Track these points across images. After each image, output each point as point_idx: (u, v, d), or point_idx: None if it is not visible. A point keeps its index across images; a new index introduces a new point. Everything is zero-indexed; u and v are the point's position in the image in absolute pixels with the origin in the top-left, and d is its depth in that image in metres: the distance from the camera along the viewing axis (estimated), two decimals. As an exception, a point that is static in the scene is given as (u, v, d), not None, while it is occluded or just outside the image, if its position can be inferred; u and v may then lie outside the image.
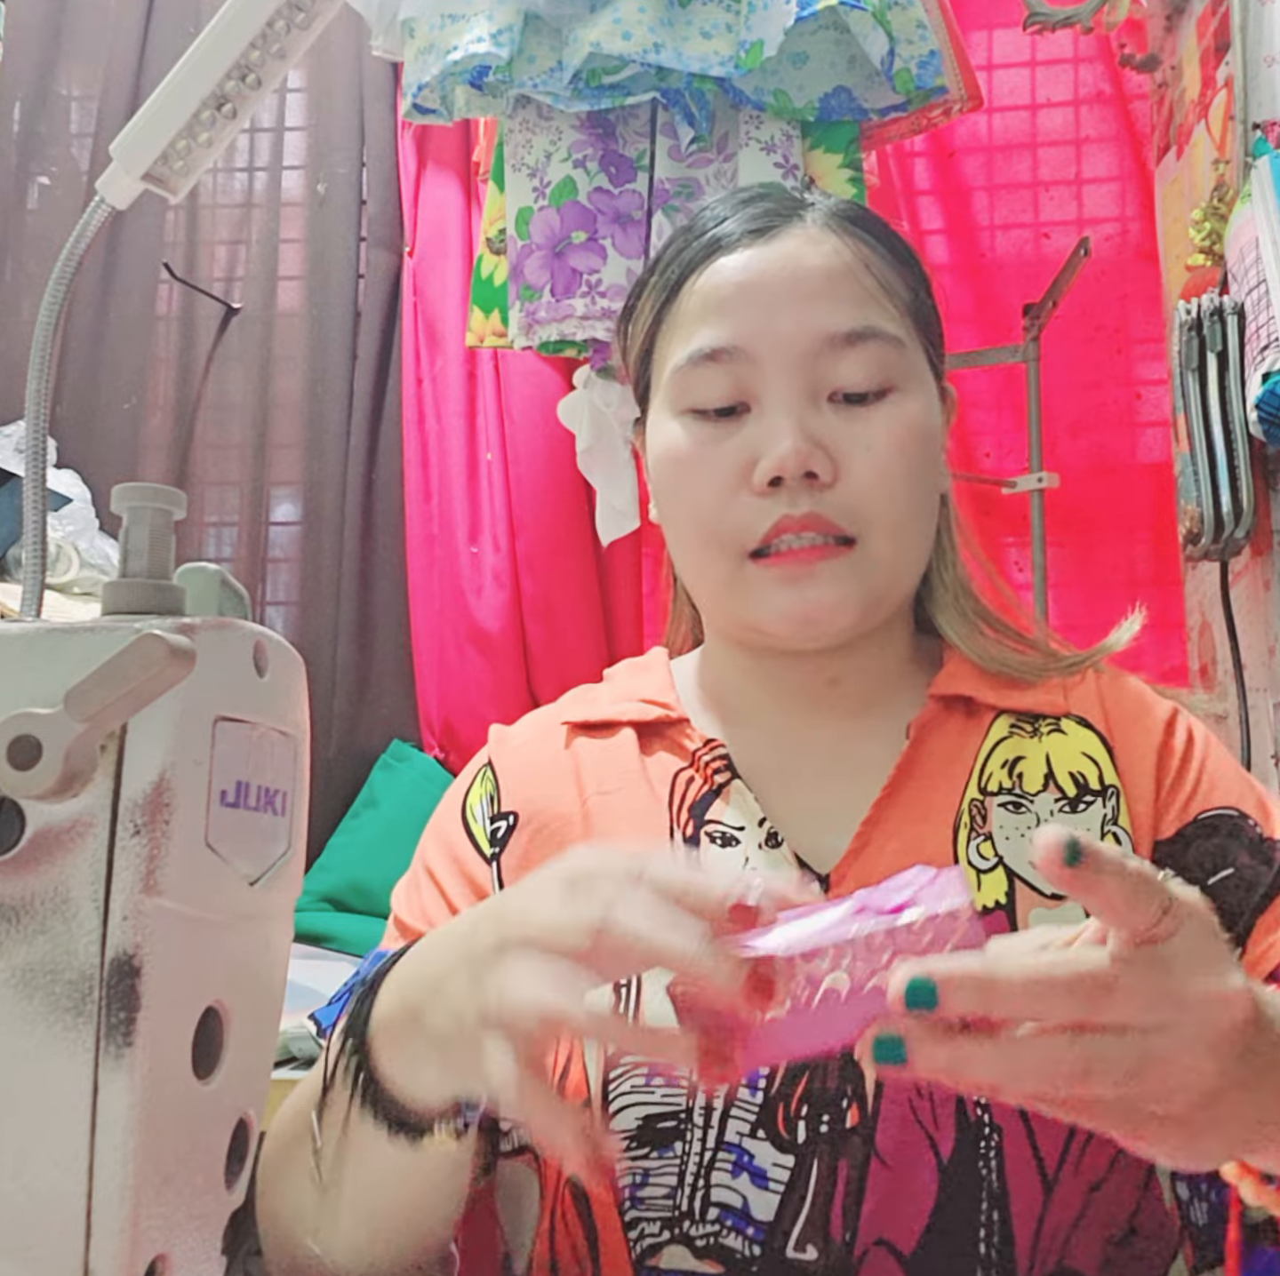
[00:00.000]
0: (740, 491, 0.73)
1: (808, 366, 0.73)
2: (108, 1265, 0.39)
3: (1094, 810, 0.73)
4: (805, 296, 0.74)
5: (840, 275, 0.75)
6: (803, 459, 0.71)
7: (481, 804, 0.81)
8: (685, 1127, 0.67)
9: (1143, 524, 1.91)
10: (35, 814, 0.40)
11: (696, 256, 0.78)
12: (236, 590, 0.48)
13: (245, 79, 0.53)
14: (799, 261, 0.75)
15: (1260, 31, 1.45)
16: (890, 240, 0.79)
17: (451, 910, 0.77)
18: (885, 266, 0.77)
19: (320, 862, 1.86)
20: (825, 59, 1.56)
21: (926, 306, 0.80)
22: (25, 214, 2.23)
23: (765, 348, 0.73)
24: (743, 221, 0.77)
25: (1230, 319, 1.37)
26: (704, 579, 0.78)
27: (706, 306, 0.76)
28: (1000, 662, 0.79)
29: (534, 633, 1.96)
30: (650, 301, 0.80)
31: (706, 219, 0.80)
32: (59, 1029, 0.39)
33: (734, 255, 0.76)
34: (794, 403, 0.73)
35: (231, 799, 0.43)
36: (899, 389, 0.75)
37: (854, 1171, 0.65)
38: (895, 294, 0.77)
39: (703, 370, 0.75)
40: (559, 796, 0.78)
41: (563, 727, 0.83)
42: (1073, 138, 2.01)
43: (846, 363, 0.73)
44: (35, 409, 0.50)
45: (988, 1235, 0.65)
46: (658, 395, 0.79)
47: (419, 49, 1.58)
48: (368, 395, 2.09)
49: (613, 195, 1.60)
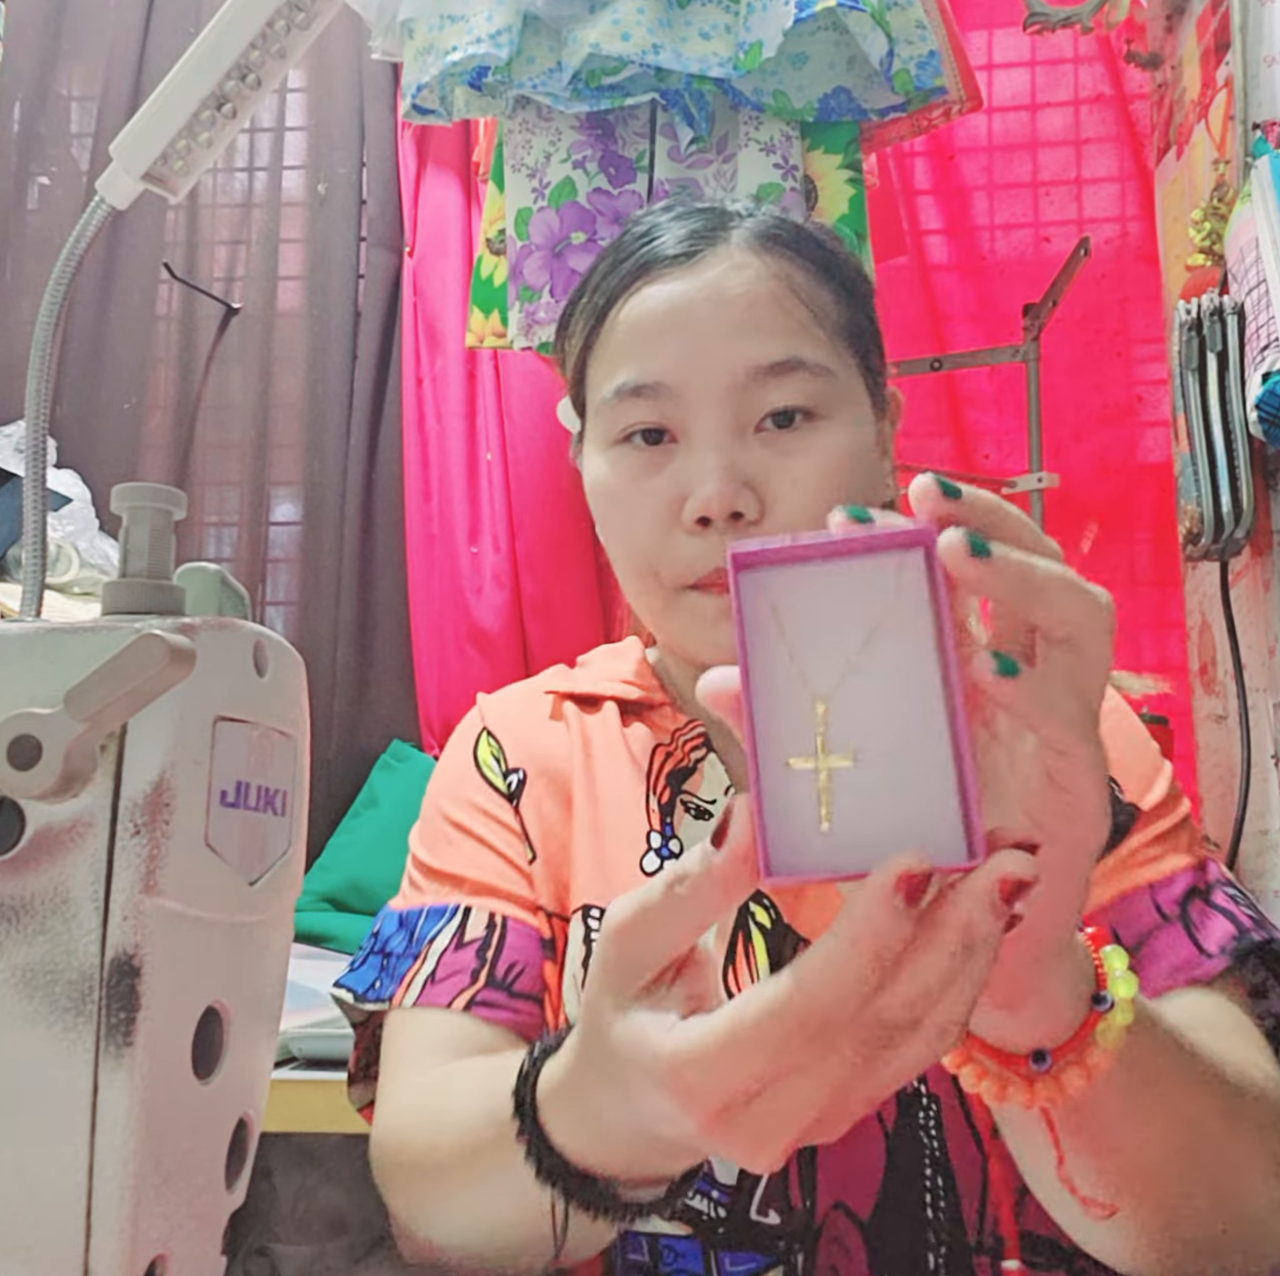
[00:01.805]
0: (673, 527, 0.74)
1: (733, 399, 0.73)
2: (108, 1265, 0.39)
3: None
4: (729, 328, 0.73)
5: (765, 303, 0.74)
6: (728, 500, 0.71)
7: (492, 761, 0.84)
8: None
9: (1143, 524, 1.91)
10: (35, 814, 0.40)
11: (622, 283, 0.77)
12: (236, 590, 0.48)
13: (245, 79, 0.53)
14: (722, 291, 0.74)
15: (1260, 31, 1.45)
16: (821, 257, 0.78)
17: (497, 854, 0.79)
18: (814, 287, 0.76)
19: (320, 862, 1.86)
20: (824, 60, 1.56)
21: (861, 324, 0.79)
22: (25, 214, 2.24)
23: (689, 382, 0.73)
24: (668, 245, 0.76)
25: (1230, 319, 1.37)
26: (642, 605, 0.79)
27: (631, 338, 0.75)
28: None
29: (534, 633, 1.96)
30: (580, 325, 0.80)
31: (633, 240, 0.79)
32: (59, 1029, 0.39)
33: (657, 285, 0.75)
34: (720, 438, 0.73)
35: (231, 799, 0.43)
36: (826, 418, 0.74)
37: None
38: (824, 317, 0.76)
39: (628, 405, 0.75)
40: (557, 754, 0.82)
41: (548, 697, 0.86)
42: (1073, 138, 2.01)
43: (773, 394, 0.73)
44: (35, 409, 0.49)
45: (934, 1200, 0.67)
46: (590, 423, 0.80)
47: (418, 50, 1.58)
48: (368, 395, 2.09)
49: (612, 196, 1.60)
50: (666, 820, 0.78)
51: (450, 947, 0.76)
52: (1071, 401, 1.94)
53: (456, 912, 0.77)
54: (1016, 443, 1.91)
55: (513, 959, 0.75)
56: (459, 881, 0.79)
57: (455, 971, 0.74)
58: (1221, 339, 1.37)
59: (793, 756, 0.38)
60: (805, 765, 0.38)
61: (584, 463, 0.80)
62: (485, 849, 0.80)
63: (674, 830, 0.77)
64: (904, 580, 0.38)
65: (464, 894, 0.78)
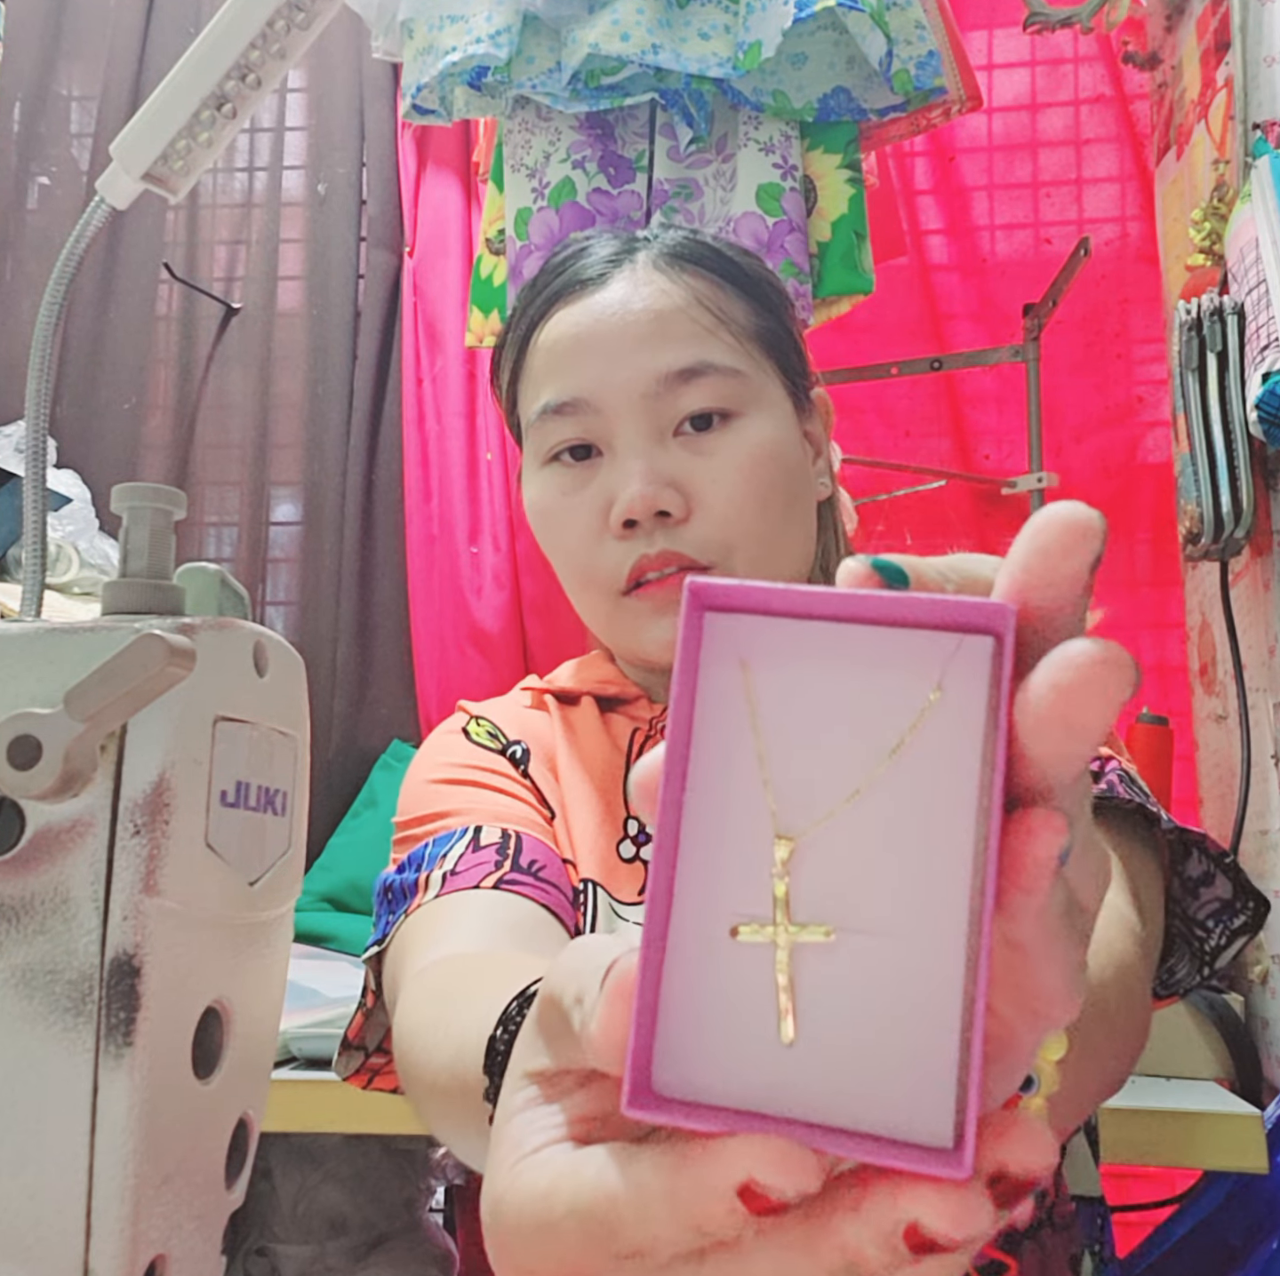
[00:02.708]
0: (603, 535, 0.77)
1: (649, 408, 0.76)
2: (108, 1265, 0.39)
3: None
4: (637, 340, 0.77)
5: (670, 314, 0.78)
6: (650, 500, 0.74)
7: (487, 734, 0.85)
8: None
9: (1143, 524, 1.91)
10: (35, 814, 0.40)
11: (539, 311, 0.82)
12: (236, 590, 0.48)
13: (245, 79, 0.53)
14: (627, 306, 0.78)
15: (1260, 31, 1.45)
16: (728, 270, 0.82)
17: (498, 791, 0.79)
18: (722, 298, 0.80)
19: (320, 862, 1.86)
20: (824, 60, 1.56)
21: (774, 331, 0.82)
22: (25, 214, 2.23)
23: (606, 395, 0.77)
24: (580, 272, 0.81)
25: (1230, 319, 1.37)
26: (588, 616, 0.82)
27: (549, 361, 0.79)
28: None
29: (534, 633, 1.96)
30: (509, 356, 0.85)
31: (549, 272, 0.84)
32: (59, 1029, 0.39)
33: (568, 309, 0.80)
34: (641, 444, 0.76)
35: (231, 799, 0.43)
36: (742, 415, 0.77)
37: None
38: (732, 323, 0.79)
39: (553, 424, 0.78)
40: (543, 734, 0.84)
41: (525, 693, 0.89)
42: (1073, 138, 2.01)
43: (685, 398, 0.76)
44: (35, 409, 0.49)
45: None
46: (525, 448, 0.83)
47: (418, 50, 1.58)
48: (368, 395, 2.09)
49: (611, 196, 1.60)
50: None
51: (468, 851, 0.73)
52: (1071, 402, 1.94)
53: (466, 832, 0.75)
54: (1016, 443, 1.91)
55: (534, 856, 0.74)
56: (458, 812, 0.77)
57: (477, 864, 0.72)
58: (1221, 339, 1.37)
59: (737, 915, 0.25)
60: (756, 937, 0.25)
61: (524, 488, 0.84)
62: (482, 790, 0.79)
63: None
64: (953, 678, 0.25)
65: (468, 819, 0.76)
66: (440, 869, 0.73)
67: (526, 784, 0.81)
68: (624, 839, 0.78)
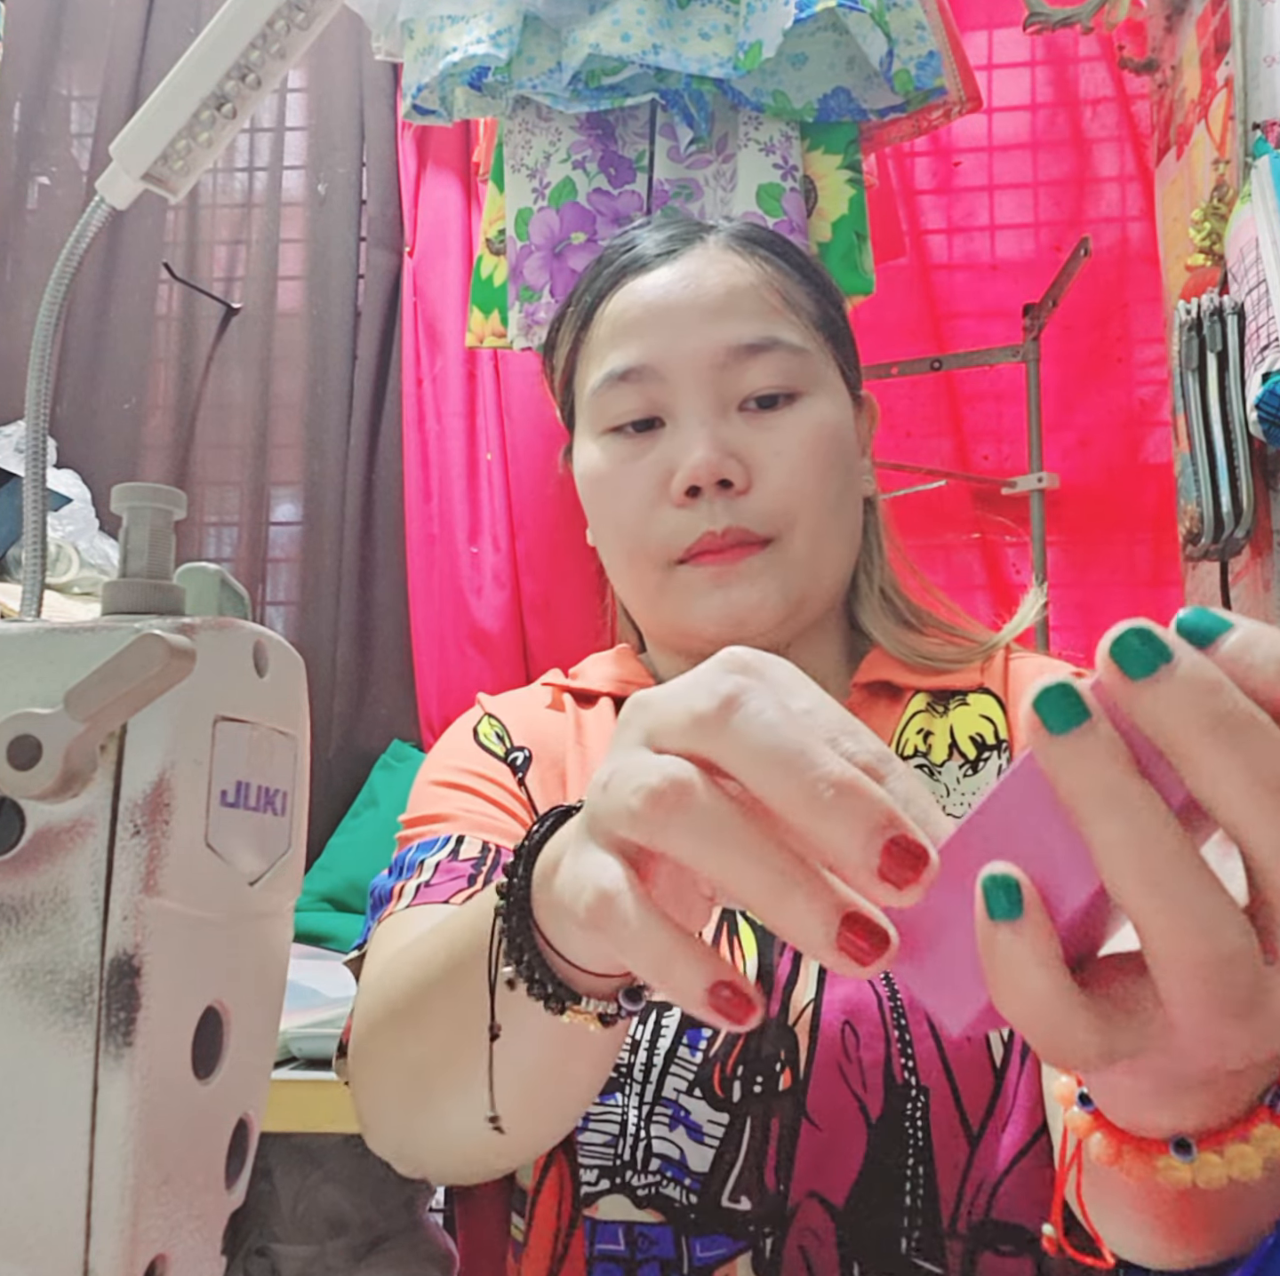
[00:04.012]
0: (661, 504, 0.77)
1: (715, 379, 0.77)
2: (108, 1265, 0.39)
3: (990, 764, 0.77)
4: (708, 312, 0.77)
5: (742, 291, 0.78)
6: (715, 467, 0.74)
7: (494, 737, 0.84)
8: (625, 1081, 0.70)
9: (1143, 524, 1.91)
10: (35, 814, 0.40)
11: (606, 284, 0.82)
12: (236, 590, 0.48)
13: (245, 79, 0.53)
14: (701, 280, 0.78)
15: (1260, 31, 1.45)
16: (795, 259, 0.83)
17: (490, 801, 0.78)
18: (789, 283, 0.81)
19: (320, 862, 1.86)
20: (824, 60, 1.56)
21: (835, 322, 0.83)
22: (25, 214, 2.24)
23: (673, 364, 0.77)
24: (648, 247, 0.82)
25: (1230, 319, 1.37)
26: (636, 590, 0.82)
27: (616, 330, 0.80)
28: (926, 657, 0.82)
29: (534, 633, 1.96)
30: (567, 331, 0.85)
31: (616, 248, 0.84)
32: (59, 1029, 0.39)
33: (639, 279, 0.80)
34: (705, 414, 0.76)
35: (231, 799, 0.43)
36: (806, 394, 0.78)
37: (785, 1131, 0.68)
38: (799, 307, 0.80)
39: (616, 391, 0.78)
40: (554, 739, 0.83)
41: (546, 689, 0.87)
42: (1073, 138, 2.01)
43: (752, 372, 0.77)
44: (35, 409, 0.49)
45: (913, 1187, 0.68)
46: (579, 419, 0.83)
47: (418, 50, 1.58)
48: (368, 395, 2.09)
49: (612, 196, 1.60)
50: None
51: (445, 860, 0.73)
52: (1072, 401, 1.94)
53: (449, 841, 0.74)
54: (1016, 443, 1.91)
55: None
56: (449, 818, 0.77)
57: (452, 877, 0.71)
58: (1221, 339, 1.37)
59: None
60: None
61: (575, 458, 0.83)
62: (476, 797, 0.79)
63: None
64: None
65: (454, 827, 0.75)
66: (416, 878, 0.73)
67: (521, 796, 0.80)
68: None
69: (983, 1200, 0.68)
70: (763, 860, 0.34)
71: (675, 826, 0.35)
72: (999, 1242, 0.68)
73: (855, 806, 0.33)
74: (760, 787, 0.34)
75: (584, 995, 0.47)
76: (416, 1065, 0.58)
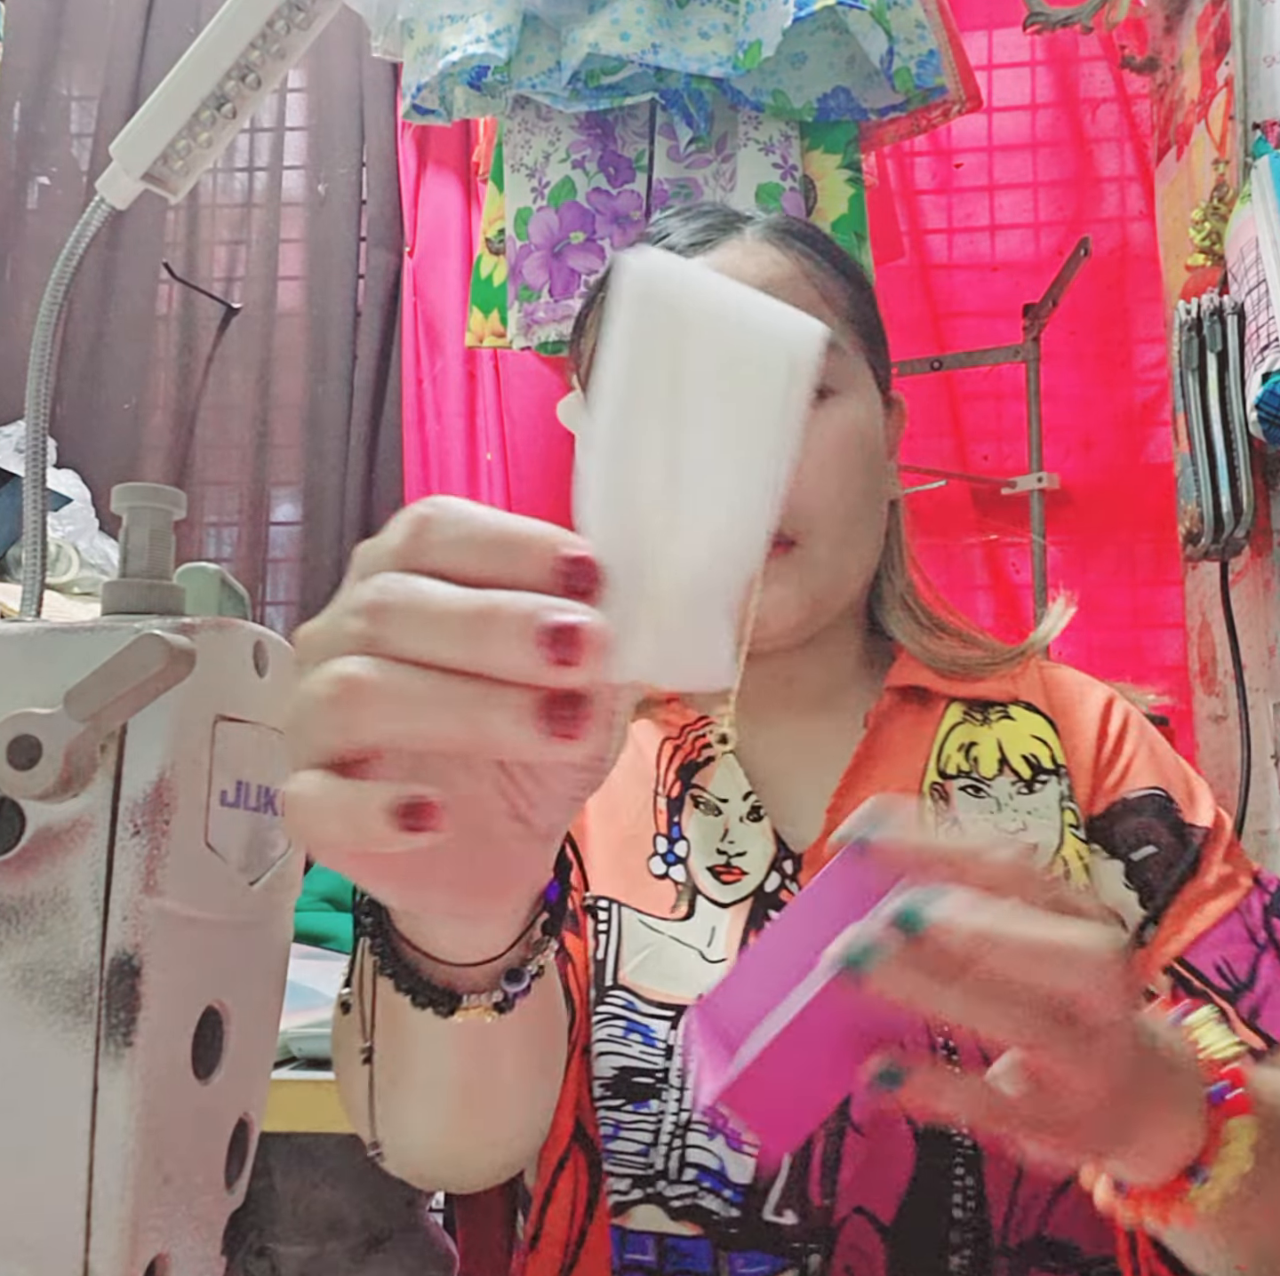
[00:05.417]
0: None
1: None
2: (108, 1265, 0.39)
3: (1050, 789, 0.76)
4: None
5: (778, 282, 0.77)
6: None
7: None
8: (661, 1087, 0.69)
9: (1143, 524, 1.91)
10: (35, 814, 0.40)
11: None
12: (236, 590, 0.48)
13: (245, 79, 0.53)
14: (737, 271, 0.77)
15: (1260, 31, 1.45)
16: (831, 253, 0.82)
17: None
18: (825, 277, 0.79)
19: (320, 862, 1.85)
20: (824, 59, 1.56)
21: (869, 319, 0.82)
22: (25, 214, 2.23)
23: None
24: (684, 235, 0.80)
25: (1230, 319, 1.37)
26: None
27: None
28: (949, 661, 0.81)
29: (534, 633, 1.96)
30: (598, 316, 0.83)
31: (651, 234, 0.82)
32: (59, 1029, 0.39)
33: None
34: None
35: (231, 799, 0.43)
36: (838, 393, 0.77)
37: (830, 1140, 0.67)
38: (834, 303, 0.79)
39: None
40: None
41: None
42: (1073, 138, 2.01)
43: None
44: (35, 409, 0.49)
45: (962, 1200, 0.66)
46: None
47: (418, 49, 1.58)
48: (368, 395, 2.09)
49: (611, 196, 1.60)
50: (674, 819, 0.77)
51: None
52: (1072, 401, 1.94)
53: None
54: (1016, 443, 1.91)
55: None
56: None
57: None
58: (1221, 339, 1.37)
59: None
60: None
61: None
62: None
63: (681, 830, 0.77)
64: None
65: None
66: None
67: None
68: (653, 856, 0.76)
69: (1035, 1214, 0.66)
70: (448, 699, 0.32)
71: (366, 721, 0.32)
72: (1048, 1259, 0.66)
73: (499, 620, 0.32)
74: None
75: (466, 993, 0.47)
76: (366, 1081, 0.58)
